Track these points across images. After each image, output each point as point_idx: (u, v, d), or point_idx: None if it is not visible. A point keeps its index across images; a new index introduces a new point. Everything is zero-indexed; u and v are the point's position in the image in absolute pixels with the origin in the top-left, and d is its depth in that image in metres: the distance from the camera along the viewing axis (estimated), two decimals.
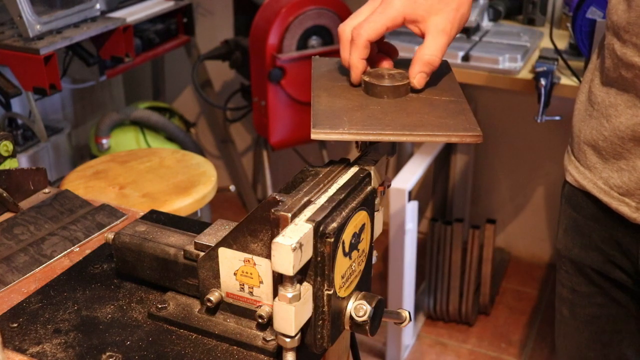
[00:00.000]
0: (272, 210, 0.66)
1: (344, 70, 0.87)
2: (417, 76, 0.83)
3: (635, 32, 0.91)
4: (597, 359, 1.16)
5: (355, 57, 0.83)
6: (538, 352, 2.31)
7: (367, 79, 0.82)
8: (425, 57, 0.82)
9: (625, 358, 1.14)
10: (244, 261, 0.71)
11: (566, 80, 1.86)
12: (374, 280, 0.70)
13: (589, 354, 1.17)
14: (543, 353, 2.31)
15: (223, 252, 0.72)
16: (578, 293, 1.14)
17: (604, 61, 0.99)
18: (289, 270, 0.62)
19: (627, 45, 0.92)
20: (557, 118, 1.88)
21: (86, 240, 0.95)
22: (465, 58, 1.98)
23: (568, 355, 1.21)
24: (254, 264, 0.70)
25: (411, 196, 2.03)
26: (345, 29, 0.85)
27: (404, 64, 0.86)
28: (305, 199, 0.68)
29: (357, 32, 0.83)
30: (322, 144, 2.76)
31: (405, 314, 0.80)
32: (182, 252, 0.77)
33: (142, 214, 1.00)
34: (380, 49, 0.90)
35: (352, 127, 0.74)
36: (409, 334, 2.29)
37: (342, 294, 0.70)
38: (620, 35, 0.94)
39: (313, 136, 0.73)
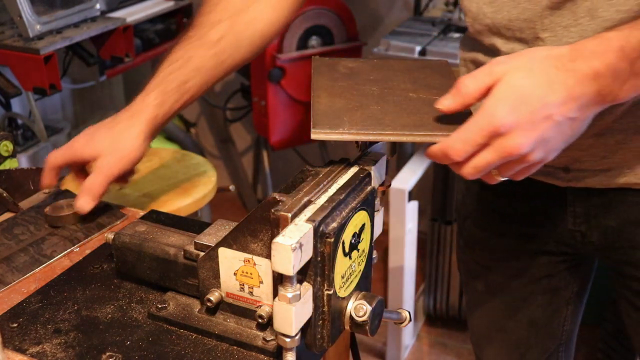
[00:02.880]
0: (272, 210, 0.66)
1: (344, 71, 0.87)
2: (80, 201, 0.94)
3: (517, 28, 0.90)
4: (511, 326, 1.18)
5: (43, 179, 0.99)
6: None
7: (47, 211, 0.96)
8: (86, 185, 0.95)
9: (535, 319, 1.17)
10: (244, 261, 0.71)
11: None
12: (374, 280, 0.70)
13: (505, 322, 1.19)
14: None
15: (223, 252, 0.72)
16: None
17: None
18: (289, 270, 0.62)
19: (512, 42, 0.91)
20: None
21: (86, 240, 0.95)
22: None
23: (483, 327, 1.23)
24: (254, 264, 0.70)
25: (411, 196, 2.03)
26: None
27: (405, 63, 0.86)
28: (305, 199, 0.68)
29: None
30: (322, 144, 2.76)
31: (405, 314, 0.80)
32: (182, 252, 0.77)
33: (142, 214, 1.00)
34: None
35: (352, 127, 0.74)
36: (409, 334, 2.29)
37: (342, 294, 0.70)
38: (502, 34, 0.92)
39: (313, 136, 0.73)
